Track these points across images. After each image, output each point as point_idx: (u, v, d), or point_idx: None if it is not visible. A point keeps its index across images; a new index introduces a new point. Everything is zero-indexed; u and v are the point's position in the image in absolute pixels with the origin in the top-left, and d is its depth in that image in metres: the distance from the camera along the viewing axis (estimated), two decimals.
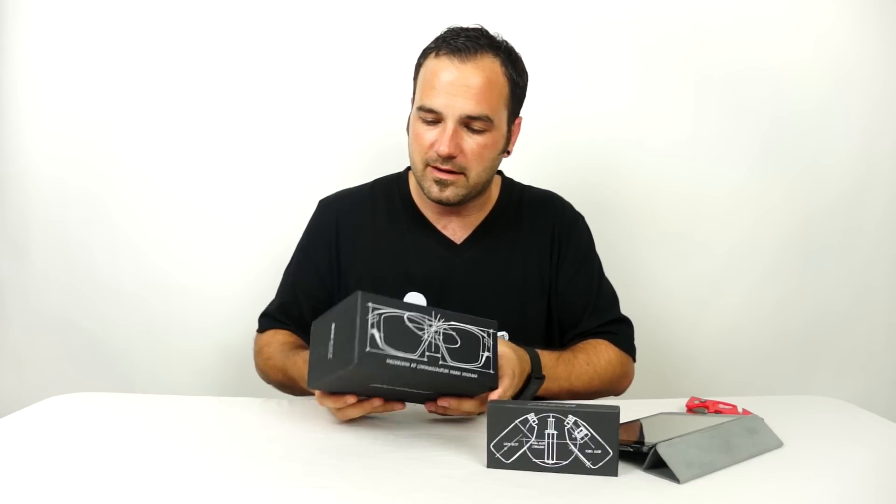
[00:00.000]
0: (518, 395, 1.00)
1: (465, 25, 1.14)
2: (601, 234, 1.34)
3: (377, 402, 0.93)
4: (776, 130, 1.68)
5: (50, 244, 1.65)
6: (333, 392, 0.92)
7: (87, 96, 1.62)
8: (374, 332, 0.83)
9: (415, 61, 1.18)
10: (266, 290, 1.30)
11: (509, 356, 0.97)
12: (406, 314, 0.87)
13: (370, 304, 0.84)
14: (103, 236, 1.64)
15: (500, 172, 1.32)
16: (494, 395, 0.91)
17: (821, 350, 1.75)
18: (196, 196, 1.64)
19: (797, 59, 1.66)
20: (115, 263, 1.65)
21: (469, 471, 0.81)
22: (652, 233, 1.69)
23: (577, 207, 1.32)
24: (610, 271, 1.31)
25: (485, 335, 0.91)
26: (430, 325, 0.88)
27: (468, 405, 0.93)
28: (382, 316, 0.85)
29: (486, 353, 0.91)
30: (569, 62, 1.63)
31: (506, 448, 0.81)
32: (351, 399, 0.92)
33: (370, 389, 0.90)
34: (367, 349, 0.82)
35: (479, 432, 0.90)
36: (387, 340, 0.83)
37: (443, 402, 0.93)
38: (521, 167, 1.35)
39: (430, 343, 0.87)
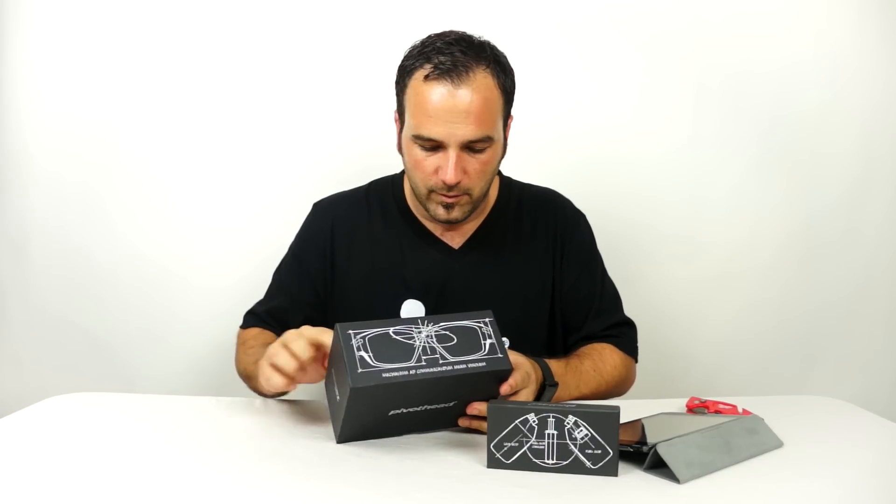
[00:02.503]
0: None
1: (441, 32, 1.09)
2: (601, 234, 1.34)
3: None
4: (776, 130, 1.68)
5: (50, 243, 1.65)
6: (365, 437, 0.90)
7: (86, 96, 1.62)
8: (363, 353, 0.82)
9: None
10: (265, 288, 1.30)
11: (521, 360, 0.95)
12: (391, 329, 0.85)
13: (350, 332, 0.84)
14: (102, 236, 1.64)
15: (498, 172, 1.31)
16: (511, 381, 0.89)
17: (821, 350, 1.75)
18: (195, 195, 1.64)
19: (797, 60, 1.66)
20: (114, 263, 1.65)
21: (469, 471, 0.81)
22: (652, 233, 1.69)
23: (577, 207, 1.31)
24: (610, 271, 1.31)
25: (481, 324, 0.89)
26: (420, 332, 0.86)
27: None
28: (367, 338, 0.84)
29: (489, 340, 0.88)
30: (570, 62, 1.63)
31: (506, 448, 0.81)
32: None
33: (397, 421, 0.89)
34: (359, 370, 0.81)
35: (479, 432, 0.90)
36: (377, 357, 0.83)
37: (472, 409, 0.89)
38: (522, 167, 1.35)
39: (425, 347, 0.85)
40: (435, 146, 1.07)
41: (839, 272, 1.73)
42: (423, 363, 0.83)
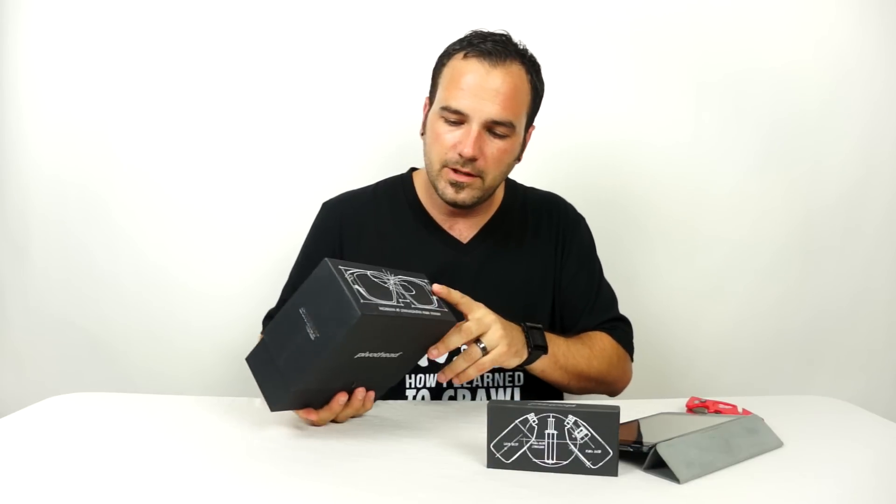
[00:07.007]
0: (525, 362, 1.04)
1: (491, 30, 1.15)
2: (602, 233, 1.34)
3: (342, 398, 0.93)
4: (777, 131, 1.68)
5: (50, 244, 1.65)
6: (303, 401, 0.92)
7: (87, 96, 1.62)
8: (358, 287, 0.86)
9: (420, 63, 1.18)
10: (267, 290, 1.30)
11: (490, 316, 1.00)
12: (368, 271, 0.90)
13: (341, 267, 0.87)
14: (103, 236, 1.64)
15: None
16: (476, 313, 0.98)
17: (821, 350, 1.75)
18: (196, 196, 1.64)
19: (798, 60, 1.66)
20: (115, 263, 1.65)
21: (469, 471, 0.81)
22: (653, 232, 1.69)
23: (579, 207, 1.32)
24: (611, 270, 1.32)
25: (425, 283, 0.96)
26: (388, 279, 0.91)
27: (454, 338, 0.96)
28: (355, 274, 0.88)
29: (436, 297, 0.97)
30: (571, 63, 1.63)
31: (506, 448, 0.81)
32: (342, 398, 0.93)
33: (346, 370, 0.91)
34: (362, 301, 0.84)
35: (479, 432, 0.90)
36: (370, 293, 0.86)
37: (433, 350, 0.95)
38: (525, 168, 1.35)
39: (397, 293, 0.90)
40: (459, 121, 1.12)
41: (840, 272, 1.73)
42: (401, 305, 0.88)
